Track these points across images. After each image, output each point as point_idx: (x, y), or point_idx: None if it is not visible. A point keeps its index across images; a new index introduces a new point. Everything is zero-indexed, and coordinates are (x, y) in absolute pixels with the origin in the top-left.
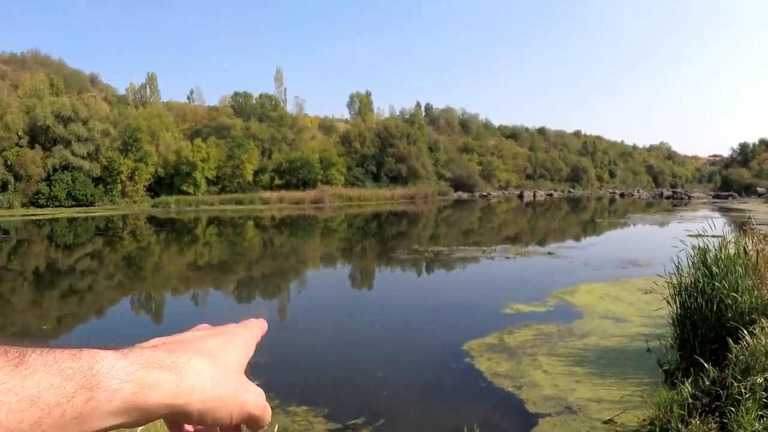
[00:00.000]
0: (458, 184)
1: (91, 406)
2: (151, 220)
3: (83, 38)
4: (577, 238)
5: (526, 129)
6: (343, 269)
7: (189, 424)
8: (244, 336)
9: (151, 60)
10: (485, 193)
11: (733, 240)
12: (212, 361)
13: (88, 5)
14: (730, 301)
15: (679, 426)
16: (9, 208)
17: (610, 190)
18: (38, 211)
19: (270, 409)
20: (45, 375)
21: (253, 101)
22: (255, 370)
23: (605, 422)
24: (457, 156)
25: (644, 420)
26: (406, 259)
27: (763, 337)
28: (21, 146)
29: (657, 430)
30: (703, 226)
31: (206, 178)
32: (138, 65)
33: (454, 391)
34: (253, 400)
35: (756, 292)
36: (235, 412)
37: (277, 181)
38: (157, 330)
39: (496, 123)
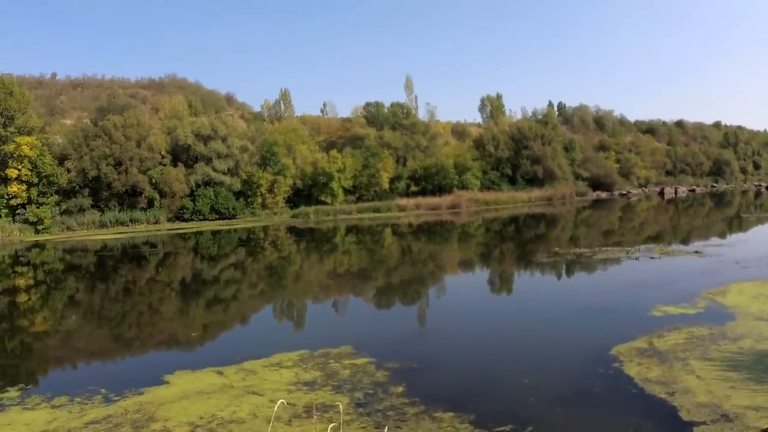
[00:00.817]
0: (596, 184)
1: None
2: (291, 230)
3: (218, 61)
4: (723, 236)
5: (663, 123)
6: (482, 274)
7: None
8: None
9: (283, 77)
10: (624, 192)
11: None
12: None
13: (220, 30)
14: None
15: None
16: (156, 223)
17: (756, 183)
18: (183, 225)
19: None
20: None
21: (385, 110)
22: (398, 375)
23: (764, 431)
24: (594, 154)
25: None
26: (546, 262)
27: None
28: (164, 165)
29: None
30: None
31: (343, 187)
32: (271, 82)
33: (603, 398)
34: None
35: None
36: None
37: (413, 188)
38: (298, 337)
39: (631, 118)
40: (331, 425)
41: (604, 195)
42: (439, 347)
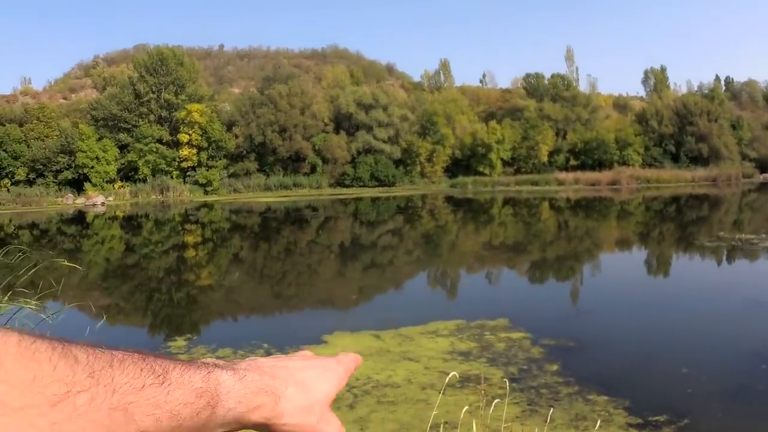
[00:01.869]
0: (765, 166)
1: (212, 419)
2: (449, 199)
3: (378, 31)
4: None
5: None
6: (640, 254)
7: None
8: (337, 371)
9: (443, 47)
10: None
11: None
12: (305, 391)
13: (381, 0)
14: None
15: None
16: (318, 188)
17: None
18: (344, 190)
19: None
20: (183, 392)
21: (545, 82)
22: (554, 353)
23: None
24: (763, 134)
25: None
26: (708, 246)
27: None
28: (327, 132)
29: None
30: None
31: (501, 159)
32: (431, 53)
33: (765, 398)
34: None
35: None
36: None
37: (573, 162)
38: (454, 306)
39: None
40: (495, 401)
41: None
42: (595, 327)
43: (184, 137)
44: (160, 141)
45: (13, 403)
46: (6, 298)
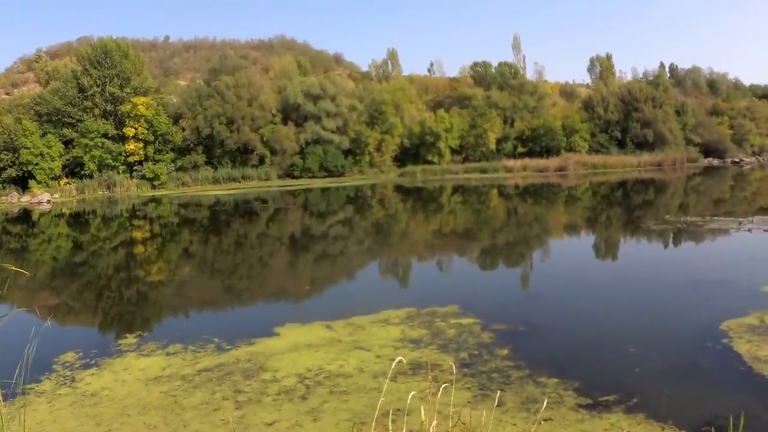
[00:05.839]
0: (708, 150)
1: None
2: (398, 188)
3: (326, 21)
4: None
5: None
6: (588, 239)
7: None
8: None
9: (391, 36)
10: (737, 159)
11: None
12: None
13: None
14: None
15: None
16: (267, 179)
17: None
18: (293, 182)
19: None
20: None
21: (493, 70)
22: (504, 337)
23: None
24: (706, 119)
25: None
26: (654, 229)
27: None
28: (275, 123)
29: None
30: None
31: (450, 147)
32: (379, 42)
33: (711, 374)
34: None
35: None
36: None
37: (521, 149)
38: (405, 295)
39: (747, 82)
40: (443, 386)
41: (716, 162)
42: (544, 311)
43: (130, 131)
44: (105, 135)
45: None
46: None
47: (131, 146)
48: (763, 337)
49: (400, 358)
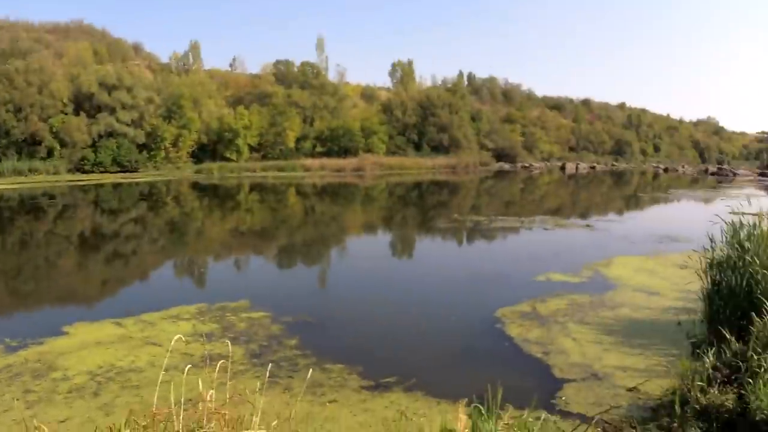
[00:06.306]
0: (500, 155)
1: None
2: (195, 186)
3: (126, 8)
4: (618, 212)
5: (570, 100)
6: (383, 237)
7: None
8: None
9: (193, 28)
10: (527, 165)
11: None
12: None
13: None
14: (760, 277)
15: (698, 395)
16: (55, 173)
17: (654, 165)
18: (83, 177)
19: None
20: None
21: (295, 69)
22: (293, 329)
23: (629, 389)
24: (500, 126)
25: (667, 389)
26: (445, 228)
27: None
28: (66, 113)
29: (678, 398)
30: (741, 203)
31: (249, 145)
32: (181, 34)
33: (484, 355)
34: None
35: None
36: None
37: (319, 149)
38: (198, 292)
39: (539, 94)
40: (227, 374)
41: (507, 166)
42: (334, 305)
43: None
44: None
45: None
46: None
47: None
48: (533, 321)
49: (179, 335)
